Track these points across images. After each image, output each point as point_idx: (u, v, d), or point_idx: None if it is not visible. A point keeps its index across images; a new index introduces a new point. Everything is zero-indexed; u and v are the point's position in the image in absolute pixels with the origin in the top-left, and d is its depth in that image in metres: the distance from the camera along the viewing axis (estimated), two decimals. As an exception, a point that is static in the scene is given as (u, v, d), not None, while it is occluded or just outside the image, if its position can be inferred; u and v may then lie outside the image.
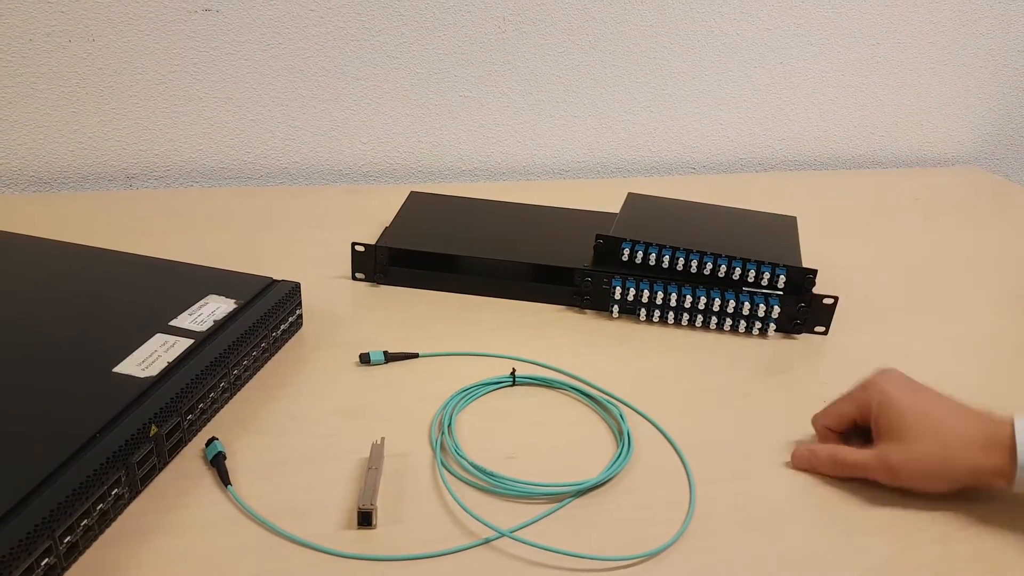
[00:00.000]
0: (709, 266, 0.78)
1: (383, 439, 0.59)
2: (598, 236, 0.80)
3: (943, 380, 0.75)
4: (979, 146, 1.46)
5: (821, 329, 0.80)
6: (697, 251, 0.78)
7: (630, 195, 0.92)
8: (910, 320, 0.86)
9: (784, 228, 0.86)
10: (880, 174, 1.37)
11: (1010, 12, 1.32)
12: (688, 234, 0.81)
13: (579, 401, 0.68)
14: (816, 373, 0.74)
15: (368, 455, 0.58)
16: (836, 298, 0.79)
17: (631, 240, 0.79)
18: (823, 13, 1.23)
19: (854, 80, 1.30)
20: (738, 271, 0.77)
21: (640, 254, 0.79)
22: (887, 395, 0.59)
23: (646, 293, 0.79)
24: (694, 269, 0.78)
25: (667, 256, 0.78)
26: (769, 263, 0.77)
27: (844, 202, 1.20)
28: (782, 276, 0.76)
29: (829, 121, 1.33)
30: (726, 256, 0.77)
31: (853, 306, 0.86)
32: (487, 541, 0.52)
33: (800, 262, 0.78)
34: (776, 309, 0.78)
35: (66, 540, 0.46)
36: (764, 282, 0.77)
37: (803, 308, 0.79)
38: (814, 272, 0.77)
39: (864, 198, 1.22)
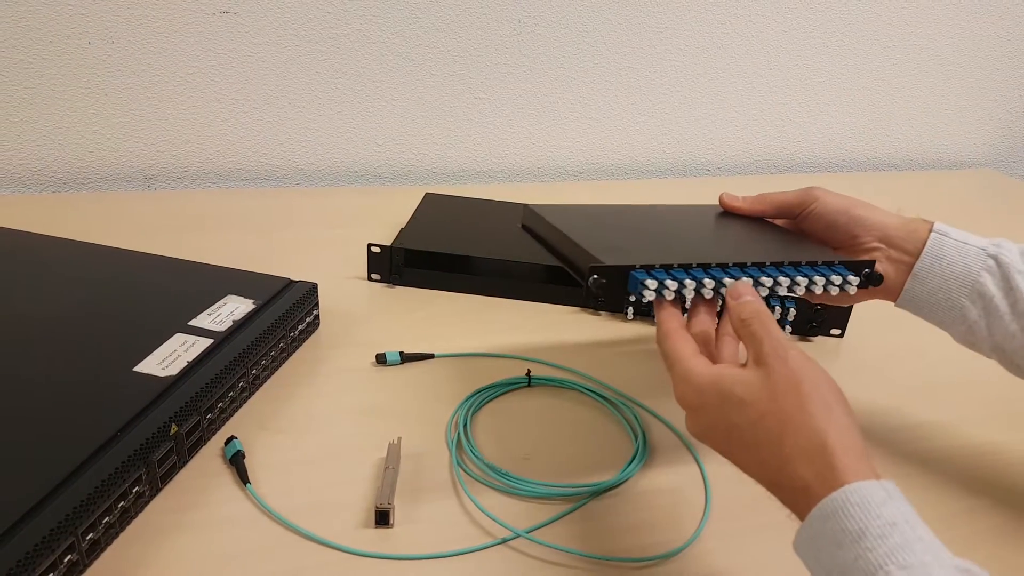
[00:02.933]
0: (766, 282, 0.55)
1: (400, 439, 0.59)
2: (592, 268, 0.52)
3: (961, 382, 0.75)
4: (995, 148, 1.45)
5: (837, 332, 0.80)
6: (735, 264, 0.55)
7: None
8: (925, 321, 0.85)
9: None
10: (895, 176, 1.36)
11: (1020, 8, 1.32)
12: (708, 246, 0.61)
13: (594, 402, 0.68)
14: (833, 375, 0.74)
15: (385, 455, 0.58)
16: (852, 301, 0.79)
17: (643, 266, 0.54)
18: (839, 16, 1.23)
19: (869, 83, 1.30)
20: (802, 280, 0.56)
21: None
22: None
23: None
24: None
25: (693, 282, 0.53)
26: (823, 263, 0.58)
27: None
28: (848, 275, 0.58)
29: (844, 124, 1.33)
30: (772, 265, 0.56)
31: (869, 308, 0.85)
32: (503, 541, 0.52)
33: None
34: (792, 311, 0.78)
35: (88, 537, 0.47)
36: (834, 290, 0.58)
37: (819, 310, 0.79)
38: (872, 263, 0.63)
39: (879, 200, 1.22)
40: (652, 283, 0.51)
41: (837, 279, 0.57)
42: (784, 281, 0.55)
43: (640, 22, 1.15)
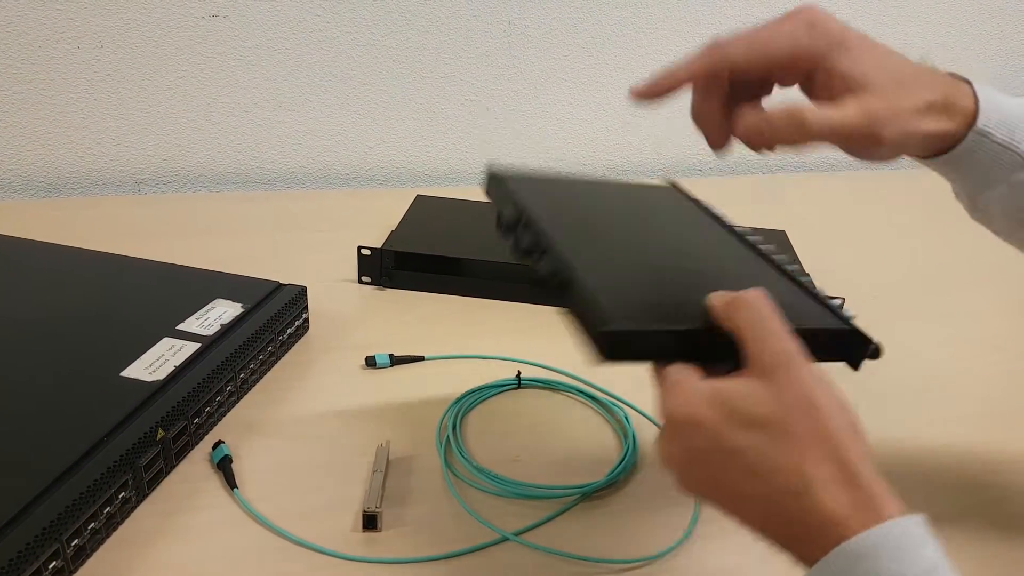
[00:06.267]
0: None
1: (388, 442, 0.59)
2: (600, 333, 0.41)
3: (952, 382, 0.74)
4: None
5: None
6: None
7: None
8: (918, 321, 0.85)
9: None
10: (887, 174, 1.36)
11: (1019, 12, 1.32)
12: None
13: (584, 403, 0.68)
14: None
15: (373, 458, 0.58)
16: (843, 299, 0.79)
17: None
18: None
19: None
20: None
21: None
22: (840, 35, 0.46)
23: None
24: None
25: None
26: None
27: (852, 203, 1.19)
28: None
29: (836, 122, 1.33)
30: None
31: (860, 306, 0.85)
32: (493, 544, 0.52)
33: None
34: None
35: (73, 543, 0.47)
36: None
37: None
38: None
39: (872, 198, 1.22)
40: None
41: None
42: None
43: (630, 23, 1.15)
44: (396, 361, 0.71)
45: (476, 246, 0.84)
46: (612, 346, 0.41)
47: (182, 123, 1.05)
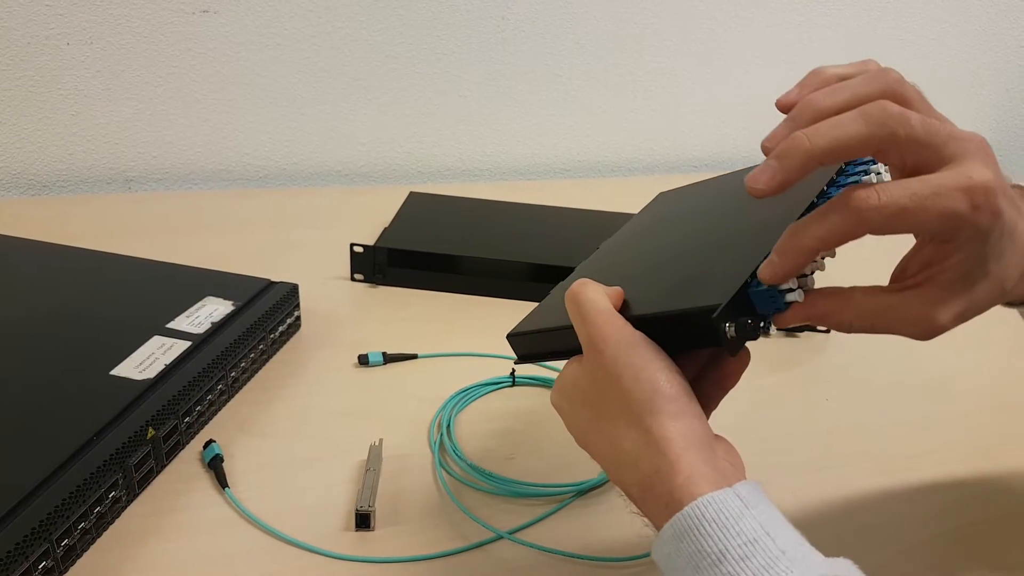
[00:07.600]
0: None
1: (381, 440, 0.59)
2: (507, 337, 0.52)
3: (948, 378, 0.74)
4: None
5: (824, 327, 0.80)
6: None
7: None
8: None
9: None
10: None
11: (1014, 8, 1.32)
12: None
13: (579, 401, 0.67)
14: (819, 371, 0.74)
15: (366, 456, 0.57)
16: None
17: None
18: (825, 10, 1.23)
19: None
20: None
21: None
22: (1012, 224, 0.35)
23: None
24: None
25: None
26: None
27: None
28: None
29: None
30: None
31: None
32: (487, 542, 0.52)
33: None
34: None
35: (63, 543, 0.46)
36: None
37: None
38: None
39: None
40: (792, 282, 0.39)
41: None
42: None
43: (626, 19, 1.15)
44: (389, 359, 0.70)
45: (470, 243, 0.84)
46: (514, 346, 0.51)
47: (172, 120, 1.04)
